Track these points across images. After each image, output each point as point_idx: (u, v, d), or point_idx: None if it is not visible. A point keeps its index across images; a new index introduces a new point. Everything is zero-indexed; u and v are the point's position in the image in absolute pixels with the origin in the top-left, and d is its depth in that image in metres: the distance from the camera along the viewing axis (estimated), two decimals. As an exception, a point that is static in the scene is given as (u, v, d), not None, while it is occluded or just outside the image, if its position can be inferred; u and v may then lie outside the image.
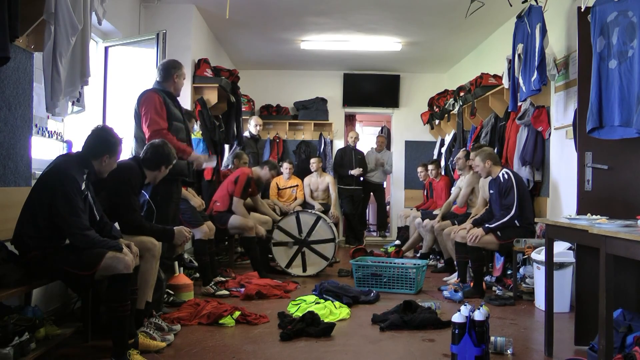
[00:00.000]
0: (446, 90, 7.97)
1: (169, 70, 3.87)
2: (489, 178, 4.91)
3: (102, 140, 2.91)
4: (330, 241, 5.48)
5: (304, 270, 5.48)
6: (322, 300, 4.07)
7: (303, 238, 5.50)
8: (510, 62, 5.02)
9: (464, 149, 6.34)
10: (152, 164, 3.36)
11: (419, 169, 7.41)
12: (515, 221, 4.54)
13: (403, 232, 7.26)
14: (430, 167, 6.86)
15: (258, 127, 7.17)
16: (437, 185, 6.86)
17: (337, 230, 5.86)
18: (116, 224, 3.16)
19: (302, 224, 5.51)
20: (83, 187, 2.77)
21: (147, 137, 3.58)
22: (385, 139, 8.79)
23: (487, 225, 4.62)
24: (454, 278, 5.18)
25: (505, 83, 5.24)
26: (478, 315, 2.72)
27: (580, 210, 3.47)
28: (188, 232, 3.50)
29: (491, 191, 4.82)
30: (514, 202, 4.52)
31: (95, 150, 2.88)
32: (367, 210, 9.15)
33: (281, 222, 5.57)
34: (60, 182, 2.68)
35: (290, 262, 5.50)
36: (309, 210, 5.89)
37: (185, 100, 5.72)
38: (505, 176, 4.64)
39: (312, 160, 7.59)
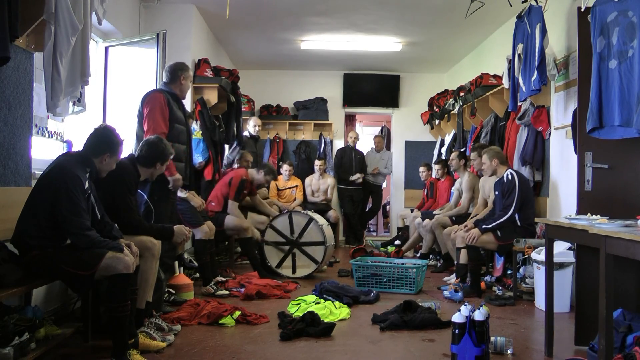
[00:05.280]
0: (446, 90, 7.96)
1: (176, 72, 3.86)
2: (492, 178, 4.90)
3: (105, 138, 2.92)
4: (319, 244, 5.33)
5: (294, 272, 5.36)
6: (322, 300, 4.07)
7: (294, 239, 5.40)
8: (510, 62, 5.01)
9: (457, 150, 6.35)
10: (147, 161, 3.35)
11: (421, 169, 7.40)
12: (517, 221, 4.54)
13: (403, 232, 7.28)
14: (436, 166, 6.81)
15: (257, 128, 7.19)
16: (441, 185, 6.85)
17: (332, 233, 5.74)
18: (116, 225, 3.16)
19: (294, 224, 5.41)
20: (86, 185, 2.77)
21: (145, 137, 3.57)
22: (382, 140, 8.78)
23: (483, 225, 4.62)
24: (454, 278, 5.18)
25: (505, 83, 5.24)
26: (478, 315, 2.72)
27: (580, 210, 3.46)
28: (187, 231, 3.50)
29: (496, 192, 4.80)
30: (513, 203, 4.52)
31: (96, 148, 2.89)
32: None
33: (274, 221, 5.49)
34: (64, 181, 2.68)
35: (280, 262, 5.40)
36: (302, 211, 5.81)
37: (186, 100, 5.71)
38: (509, 177, 4.63)
39: (317, 162, 7.59)
